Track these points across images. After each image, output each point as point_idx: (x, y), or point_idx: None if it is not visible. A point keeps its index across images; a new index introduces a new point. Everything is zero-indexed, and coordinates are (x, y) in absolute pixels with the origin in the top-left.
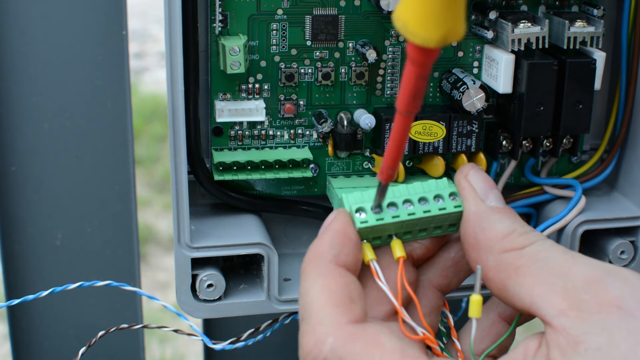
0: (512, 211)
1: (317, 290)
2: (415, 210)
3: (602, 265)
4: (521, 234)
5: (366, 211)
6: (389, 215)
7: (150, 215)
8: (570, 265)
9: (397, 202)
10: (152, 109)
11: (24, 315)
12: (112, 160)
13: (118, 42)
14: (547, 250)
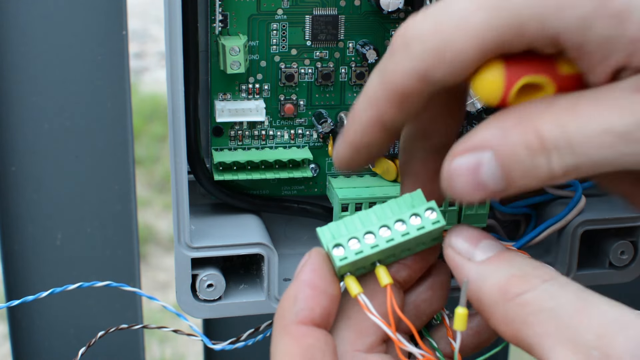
0: (505, 254)
1: (278, 355)
2: (394, 236)
3: (616, 317)
4: (521, 277)
5: (344, 246)
6: (367, 247)
7: (150, 215)
8: (581, 317)
9: (373, 230)
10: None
11: (24, 316)
12: (112, 160)
13: (118, 42)
14: (554, 297)
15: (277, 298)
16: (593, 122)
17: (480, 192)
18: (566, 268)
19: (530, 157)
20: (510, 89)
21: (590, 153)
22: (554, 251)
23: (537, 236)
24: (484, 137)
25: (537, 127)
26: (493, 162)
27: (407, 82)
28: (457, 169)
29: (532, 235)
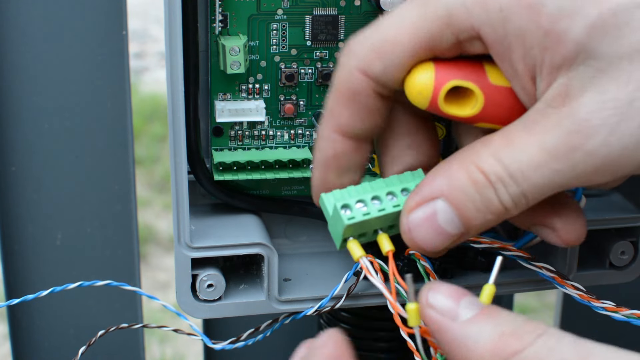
0: (491, 310)
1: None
2: (400, 202)
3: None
4: (513, 335)
5: (351, 207)
6: (374, 209)
7: (150, 215)
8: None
9: (380, 196)
10: (152, 109)
11: (24, 315)
12: (112, 160)
13: (118, 42)
14: (553, 352)
15: (277, 298)
16: (526, 147)
17: (442, 238)
18: (567, 268)
19: (479, 193)
20: (439, 91)
21: (530, 177)
22: (554, 251)
23: (537, 236)
24: (433, 187)
25: (478, 164)
26: (447, 207)
27: (351, 79)
28: (415, 221)
29: (532, 235)
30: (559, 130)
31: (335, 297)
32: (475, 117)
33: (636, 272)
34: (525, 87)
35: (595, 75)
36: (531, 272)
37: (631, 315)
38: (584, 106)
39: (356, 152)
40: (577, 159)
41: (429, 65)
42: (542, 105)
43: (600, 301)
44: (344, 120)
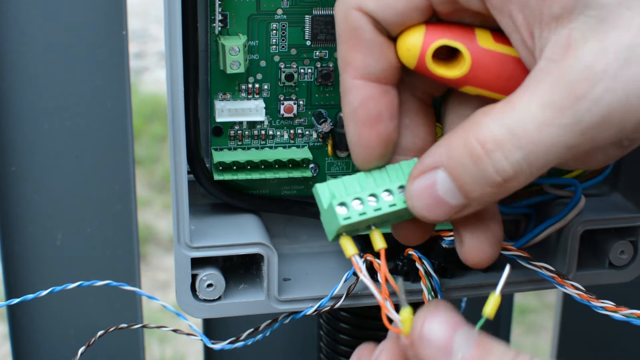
0: (485, 347)
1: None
2: (396, 201)
3: None
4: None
5: (347, 205)
6: (370, 209)
7: (150, 215)
8: None
9: (377, 193)
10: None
11: (23, 315)
12: (112, 160)
13: (118, 42)
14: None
15: (277, 298)
16: (529, 107)
17: (442, 208)
18: (566, 268)
19: (476, 164)
20: (427, 49)
21: (534, 138)
22: (554, 251)
23: (537, 236)
24: (434, 157)
25: (477, 133)
26: (446, 178)
27: (349, 18)
28: (416, 190)
29: (532, 235)
30: (562, 82)
31: (334, 296)
32: (462, 78)
33: (636, 272)
34: (525, 42)
35: (596, 25)
36: (531, 272)
37: (631, 315)
38: (586, 55)
39: (383, 97)
40: (582, 110)
41: (420, 26)
42: (543, 63)
43: (600, 301)
44: (358, 62)
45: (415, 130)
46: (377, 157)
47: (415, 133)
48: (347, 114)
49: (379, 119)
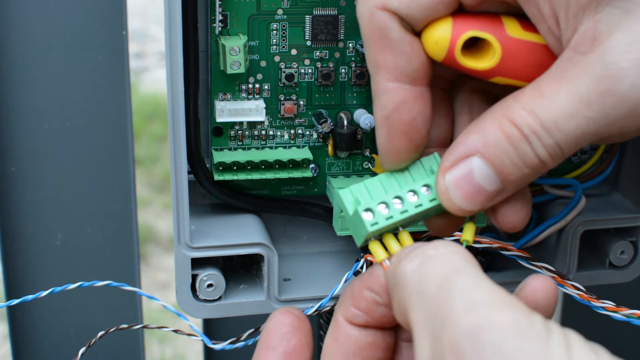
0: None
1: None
2: (422, 201)
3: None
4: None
5: (373, 211)
6: (397, 212)
7: (150, 215)
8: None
9: (401, 195)
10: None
11: (24, 315)
12: (112, 160)
13: (118, 42)
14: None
15: (277, 298)
16: (557, 97)
17: (481, 197)
18: (566, 268)
19: (515, 146)
20: (456, 42)
21: (563, 127)
22: (554, 251)
23: (537, 236)
24: (468, 145)
25: (511, 118)
26: (483, 164)
27: (374, 18)
28: (452, 180)
29: (532, 235)
30: (589, 76)
31: (335, 297)
32: (493, 70)
33: (636, 272)
34: (552, 30)
35: (622, 17)
36: (531, 272)
37: (631, 315)
38: (612, 49)
39: (417, 101)
40: (608, 105)
41: (446, 19)
42: (569, 53)
43: (600, 301)
44: (390, 63)
45: (437, 122)
46: (407, 161)
47: (438, 124)
48: (379, 119)
49: (412, 125)
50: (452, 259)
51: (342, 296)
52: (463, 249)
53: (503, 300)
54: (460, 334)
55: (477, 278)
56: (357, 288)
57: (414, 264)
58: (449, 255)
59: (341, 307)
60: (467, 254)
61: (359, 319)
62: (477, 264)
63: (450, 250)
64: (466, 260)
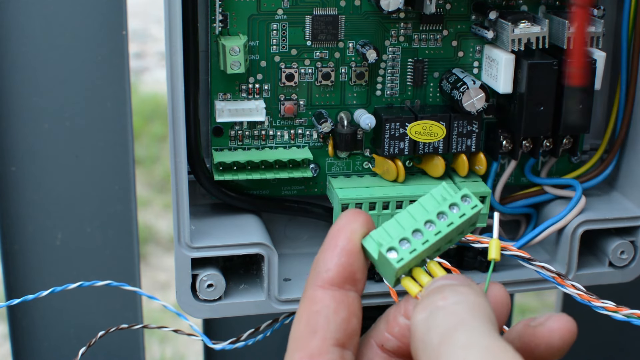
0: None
1: (293, 321)
2: (440, 228)
3: None
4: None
5: (396, 249)
6: (418, 244)
7: (150, 215)
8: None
9: (419, 228)
10: (152, 109)
11: (24, 315)
12: (112, 160)
13: (118, 42)
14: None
15: (277, 298)
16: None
17: None
18: (566, 268)
19: None
20: None
21: None
22: (554, 251)
23: (537, 236)
24: None
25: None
26: None
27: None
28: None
29: (532, 235)
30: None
31: None
32: None
33: (636, 272)
34: None
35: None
36: (531, 272)
37: (631, 315)
38: None
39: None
40: None
41: None
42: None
43: (600, 301)
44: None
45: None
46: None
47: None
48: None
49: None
50: (457, 311)
51: (377, 321)
52: (474, 294)
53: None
54: None
55: (476, 335)
56: (393, 314)
57: (424, 315)
58: (455, 306)
59: (375, 331)
60: (477, 302)
61: (391, 344)
62: (485, 315)
63: (457, 301)
64: (471, 311)
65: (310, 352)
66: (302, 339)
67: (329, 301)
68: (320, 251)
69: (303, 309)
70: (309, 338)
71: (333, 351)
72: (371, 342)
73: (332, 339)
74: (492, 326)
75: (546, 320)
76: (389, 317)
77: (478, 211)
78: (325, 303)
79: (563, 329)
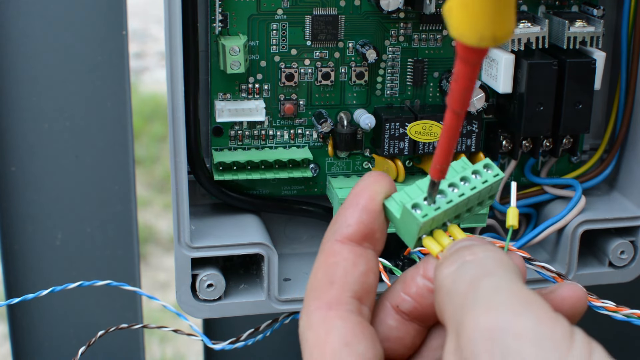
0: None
1: (311, 272)
2: (464, 191)
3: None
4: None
5: (420, 206)
6: (443, 203)
7: (150, 215)
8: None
9: (443, 189)
10: (152, 109)
11: (24, 315)
12: (112, 160)
13: (118, 42)
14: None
15: (277, 298)
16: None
17: None
18: (566, 268)
19: None
20: None
21: None
22: (554, 251)
23: (537, 236)
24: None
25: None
26: None
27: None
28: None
29: (532, 235)
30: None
31: None
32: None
33: (636, 272)
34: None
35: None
36: (531, 272)
37: (631, 315)
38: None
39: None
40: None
41: None
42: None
43: (601, 301)
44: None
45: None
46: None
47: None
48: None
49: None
50: (486, 263)
51: (392, 284)
52: (501, 253)
53: (528, 304)
54: (477, 333)
55: (505, 281)
56: (410, 275)
57: (452, 269)
58: (484, 259)
59: (390, 292)
60: (504, 258)
61: (406, 305)
62: (512, 268)
63: (486, 255)
64: (500, 263)
65: (328, 301)
66: (320, 288)
67: (347, 254)
68: (341, 208)
69: (321, 261)
70: (327, 288)
71: (351, 302)
72: (385, 303)
73: (350, 291)
74: (519, 278)
75: (557, 288)
76: (406, 277)
77: (499, 180)
78: (343, 256)
79: (574, 297)
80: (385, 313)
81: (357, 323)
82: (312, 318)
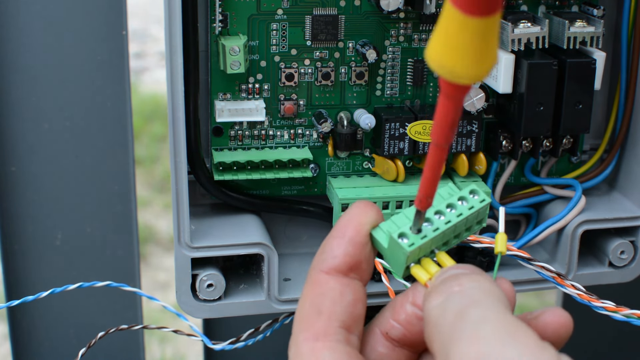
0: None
1: (298, 302)
2: (450, 218)
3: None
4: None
5: (407, 235)
6: (429, 231)
7: (150, 215)
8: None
9: (430, 217)
10: (152, 109)
11: (24, 316)
12: (112, 160)
13: (118, 42)
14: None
15: (277, 298)
16: None
17: None
18: (566, 268)
19: None
20: None
21: None
22: (553, 251)
23: (537, 236)
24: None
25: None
26: None
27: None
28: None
29: (532, 235)
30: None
31: None
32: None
33: (636, 272)
34: None
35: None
36: (531, 272)
37: (631, 315)
38: None
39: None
40: None
41: None
42: None
43: (600, 301)
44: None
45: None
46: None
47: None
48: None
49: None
50: (472, 293)
51: (381, 310)
52: (488, 282)
53: (514, 333)
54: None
55: (491, 311)
56: (400, 301)
57: (439, 300)
58: (470, 290)
59: (379, 318)
60: (491, 287)
61: (396, 331)
62: (499, 297)
63: (472, 286)
64: (486, 293)
65: (316, 332)
66: (307, 319)
67: (333, 284)
68: (328, 237)
69: (308, 291)
70: (315, 319)
71: (339, 332)
72: (375, 330)
73: (338, 321)
74: (506, 307)
75: (541, 314)
76: (395, 304)
77: (486, 205)
78: (330, 286)
79: (557, 323)
80: (375, 340)
81: (345, 353)
82: (300, 349)
